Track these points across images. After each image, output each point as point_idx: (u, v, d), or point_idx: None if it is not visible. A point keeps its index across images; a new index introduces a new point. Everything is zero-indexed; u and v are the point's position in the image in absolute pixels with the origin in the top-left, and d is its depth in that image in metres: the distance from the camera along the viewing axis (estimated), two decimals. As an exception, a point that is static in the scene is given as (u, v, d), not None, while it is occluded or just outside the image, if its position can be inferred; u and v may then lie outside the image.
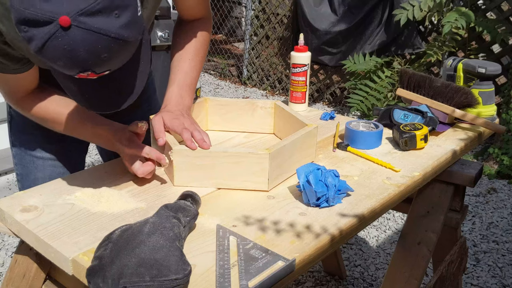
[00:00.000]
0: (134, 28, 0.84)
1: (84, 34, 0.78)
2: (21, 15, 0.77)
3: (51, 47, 0.79)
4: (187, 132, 1.07)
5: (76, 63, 0.81)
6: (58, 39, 0.78)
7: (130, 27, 0.82)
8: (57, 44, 0.78)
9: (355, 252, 2.32)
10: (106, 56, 0.81)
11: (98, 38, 0.79)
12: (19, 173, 1.33)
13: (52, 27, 0.77)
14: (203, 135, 1.07)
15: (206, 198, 1.03)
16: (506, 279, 2.11)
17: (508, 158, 3.08)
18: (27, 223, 0.93)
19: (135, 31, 0.84)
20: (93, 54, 0.80)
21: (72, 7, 0.77)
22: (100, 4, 0.78)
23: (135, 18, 0.84)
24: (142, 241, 0.76)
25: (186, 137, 1.06)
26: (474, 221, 2.59)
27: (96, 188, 1.06)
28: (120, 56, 0.84)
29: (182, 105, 1.17)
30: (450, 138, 1.39)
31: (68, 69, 0.82)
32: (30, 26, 0.78)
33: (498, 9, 3.57)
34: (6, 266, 2.21)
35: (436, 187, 1.41)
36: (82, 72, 0.83)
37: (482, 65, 1.52)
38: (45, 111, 1.12)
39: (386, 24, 4.11)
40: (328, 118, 1.53)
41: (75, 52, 0.79)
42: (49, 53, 0.80)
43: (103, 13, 0.78)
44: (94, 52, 0.80)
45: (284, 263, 0.81)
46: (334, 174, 1.01)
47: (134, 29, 0.84)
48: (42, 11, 0.76)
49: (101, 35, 0.79)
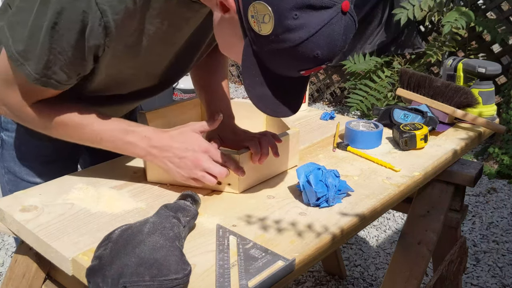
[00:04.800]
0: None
1: (350, 22, 0.81)
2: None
3: (324, 33, 0.78)
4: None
5: (332, 53, 0.81)
6: (333, 25, 0.78)
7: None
8: (330, 31, 0.79)
9: (355, 252, 2.32)
10: (344, 47, 0.83)
11: (353, 28, 0.82)
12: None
13: (332, 12, 0.78)
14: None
15: (206, 198, 1.03)
16: (506, 279, 2.11)
17: (508, 158, 3.08)
18: (26, 223, 0.93)
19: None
20: (345, 43, 0.82)
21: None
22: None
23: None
24: (142, 241, 0.76)
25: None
26: (474, 221, 2.59)
27: (96, 188, 1.06)
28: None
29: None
30: (450, 138, 1.39)
31: (314, 61, 0.82)
32: (307, 11, 0.77)
33: (498, 8, 3.57)
34: (6, 266, 2.21)
35: (436, 187, 1.41)
36: (320, 65, 0.83)
37: (482, 65, 1.52)
38: (64, 115, 1.00)
39: (386, 24, 4.11)
40: (328, 118, 1.53)
41: (337, 40, 0.80)
42: (317, 40, 0.79)
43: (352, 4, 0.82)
44: (346, 41, 0.82)
45: (284, 263, 0.81)
46: (334, 174, 1.01)
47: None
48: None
49: (354, 25, 0.82)
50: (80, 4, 0.83)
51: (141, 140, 1.00)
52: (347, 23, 0.80)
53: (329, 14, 0.78)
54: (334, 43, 0.80)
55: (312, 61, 0.82)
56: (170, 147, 0.99)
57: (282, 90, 0.89)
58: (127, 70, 1.02)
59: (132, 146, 1.00)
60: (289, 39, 0.79)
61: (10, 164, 1.21)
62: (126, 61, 0.98)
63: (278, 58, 0.83)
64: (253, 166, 1.06)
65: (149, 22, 0.93)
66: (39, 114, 0.99)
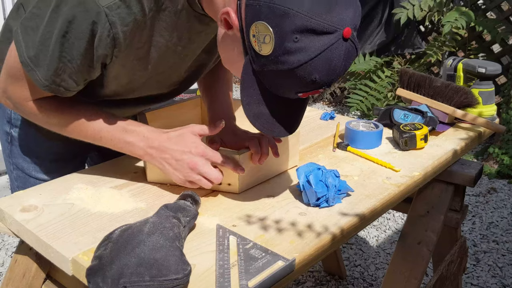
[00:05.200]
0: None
1: (351, 48, 0.81)
2: (304, 23, 0.76)
3: (323, 58, 0.79)
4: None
5: (331, 78, 0.82)
6: (333, 50, 0.79)
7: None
8: (329, 56, 0.79)
9: (355, 252, 2.32)
10: (343, 72, 0.83)
11: (354, 53, 0.82)
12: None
13: (333, 38, 0.78)
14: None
15: (206, 198, 1.03)
16: (506, 279, 2.11)
17: (508, 158, 3.08)
18: (27, 223, 0.93)
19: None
20: (345, 69, 0.83)
21: (352, 20, 0.79)
22: (358, 20, 0.81)
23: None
24: (142, 241, 0.76)
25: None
26: (474, 221, 2.59)
27: (96, 188, 1.06)
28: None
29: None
30: (450, 138, 1.38)
31: (312, 84, 0.82)
32: (308, 35, 0.77)
33: (498, 8, 3.57)
34: (6, 266, 2.21)
35: (436, 187, 1.41)
36: (318, 89, 0.84)
37: (482, 65, 1.52)
38: (66, 112, 1.01)
39: (386, 24, 4.11)
40: (328, 118, 1.53)
41: (336, 66, 0.81)
42: (316, 65, 0.79)
43: (356, 30, 0.82)
44: (346, 66, 0.83)
45: (284, 263, 0.81)
46: (334, 175, 1.01)
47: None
48: (329, 21, 0.77)
49: (355, 50, 0.82)
50: (90, 15, 0.84)
51: (140, 140, 1.00)
52: (348, 49, 0.81)
53: (329, 39, 0.78)
54: (333, 68, 0.81)
55: (310, 85, 0.82)
56: (168, 149, 0.99)
57: (279, 110, 0.90)
58: (138, 79, 1.03)
59: (131, 145, 1.01)
60: (288, 61, 0.79)
61: (18, 161, 1.23)
62: (136, 71, 0.99)
63: (277, 78, 0.84)
64: (253, 166, 1.06)
65: (159, 35, 0.94)
66: (41, 110, 1.00)
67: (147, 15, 0.89)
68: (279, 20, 0.77)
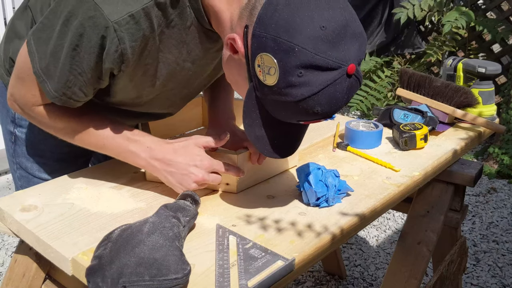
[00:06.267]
0: None
1: (354, 82, 0.82)
2: (309, 59, 0.77)
3: (326, 93, 0.79)
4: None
5: (333, 110, 0.83)
6: (336, 85, 0.79)
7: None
8: (332, 91, 0.80)
9: (355, 252, 2.32)
10: (345, 104, 0.84)
11: (357, 86, 0.83)
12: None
13: (336, 74, 0.78)
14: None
15: (206, 198, 1.03)
16: (506, 279, 2.11)
17: (508, 158, 3.08)
18: (26, 222, 0.93)
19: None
20: (347, 101, 0.83)
21: (356, 56, 0.80)
22: (363, 54, 0.82)
23: None
24: (141, 241, 0.76)
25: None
26: (474, 221, 2.59)
27: (96, 188, 1.06)
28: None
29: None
30: (450, 137, 1.38)
31: (314, 115, 0.83)
32: (311, 70, 0.77)
33: (498, 8, 3.57)
34: (6, 265, 2.21)
35: (436, 187, 1.41)
36: (321, 119, 0.85)
37: (482, 65, 1.52)
38: (72, 119, 1.02)
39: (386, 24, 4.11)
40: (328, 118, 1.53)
41: (339, 99, 0.81)
42: (318, 99, 0.80)
43: (361, 63, 0.83)
44: (349, 99, 0.83)
45: (283, 263, 0.81)
46: (334, 174, 1.01)
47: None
48: (333, 58, 0.77)
49: (359, 83, 0.83)
50: (99, 29, 0.84)
51: (143, 150, 1.00)
52: (351, 84, 0.81)
53: (333, 75, 0.78)
54: (336, 101, 0.81)
55: (311, 116, 0.83)
56: (172, 161, 0.99)
57: (280, 134, 0.90)
58: (147, 95, 1.03)
59: (134, 155, 1.01)
60: (291, 94, 0.80)
61: (22, 160, 1.24)
62: (145, 87, 1.00)
63: (279, 108, 0.84)
64: (251, 166, 1.06)
65: (168, 52, 0.94)
66: (47, 116, 1.01)
67: (156, 31, 0.89)
68: (284, 55, 0.78)
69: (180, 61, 0.98)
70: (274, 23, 0.78)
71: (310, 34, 0.76)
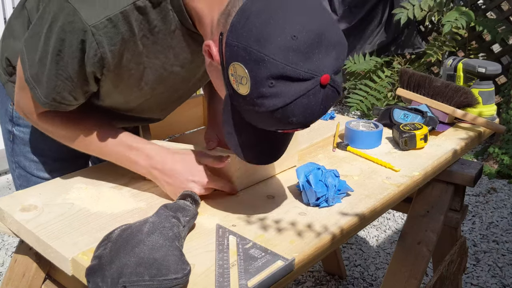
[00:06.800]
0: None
1: (330, 92, 0.80)
2: (279, 70, 0.75)
3: (299, 104, 0.78)
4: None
5: (309, 120, 0.81)
6: (310, 96, 0.78)
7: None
8: (306, 102, 0.78)
9: (355, 252, 2.32)
10: (323, 114, 0.83)
11: (335, 96, 0.81)
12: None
13: (309, 84, 0.77)
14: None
15: (206, 198, 1.03)
16: (506, 279, 2.11)
17: (508, 158, 3.08)
18: (26, 222, 0.93)
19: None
20: (325, 111, 0.82)
21: (330, 66, 0.78)
22: (342, 62, 0.80)
23: None
24: (141, 241, 0.76)
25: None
26: (474, 221, 2.59)
27: (96, 187, 1.06)
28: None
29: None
30: (450, 137, 1.38)
31: (290, 125, 0.81)
32: (282, 81, 0.76)
33: (498, 8, 3.57)
34: (6, 265, 2.21)
35: (436, 187, 1.41)
36: (298, 128, 0.83)
37: (482, 65, 1.52)
38: (74, 126, 1.03)
39: (386, 23, 4.11)
40: (328, 118, 1.53)
41: (314, 110, 0.80)
42: (292, 109, 0.78)
43: (340, 71, 0.81)
44: (326, 109, 0.82)
45: (283, 263, 0.81)
46: (334, 174, 1.01)
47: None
48: (305, 69, 0.75)
49: (336, 93, 0.81)
50: (79, 34, 0.84)
51: (144, 159, 1.01)
52: (327, 94, 0.79)
53: (306, 86, 0.77)
54: (311, 112, 0.80)
55: (288, 125, 0.82)
56: (172, 172, 0.99)
57: (260, 141, 0.89)
58: (135, 100, 1.03)
59: (134, 163, 1.02)
60: (264, 104, 0.78)
61: (20, 159, 1.24)
62: (133, 92, 1.00)
63: (255, 117, 0.83)
64: (249, 166, 1.06)
65: (154, 57, 0.94)
66: (49, 123, 1.03)
67: (137, 35, 0.88)
68: (254, 65, 0.76)
69: (168, 66, 0.97)
70: (245, 32, 0.76)
71: (280, 44, 0.75)
